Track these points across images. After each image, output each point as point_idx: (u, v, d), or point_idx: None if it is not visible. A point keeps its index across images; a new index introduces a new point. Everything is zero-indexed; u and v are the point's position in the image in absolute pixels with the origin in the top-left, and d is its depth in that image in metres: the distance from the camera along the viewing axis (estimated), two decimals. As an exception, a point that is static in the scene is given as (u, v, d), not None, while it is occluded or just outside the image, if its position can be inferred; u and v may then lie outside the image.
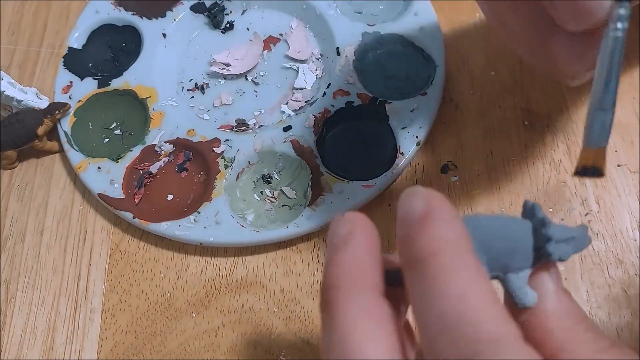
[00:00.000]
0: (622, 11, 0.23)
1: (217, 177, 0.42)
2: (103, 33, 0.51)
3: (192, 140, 0.44)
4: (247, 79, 0.48)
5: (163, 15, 0.50)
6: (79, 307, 0.40)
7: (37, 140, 0.45)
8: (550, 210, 0.40)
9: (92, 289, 0.41)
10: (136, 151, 0.44)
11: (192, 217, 0.41)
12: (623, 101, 0.43)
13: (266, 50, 0.49)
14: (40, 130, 0.44)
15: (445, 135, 0.43)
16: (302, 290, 0.39)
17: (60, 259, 0.42)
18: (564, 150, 0.41)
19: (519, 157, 0.42)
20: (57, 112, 0.45)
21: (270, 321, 0.38)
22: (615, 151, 0.41)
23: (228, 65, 0.48)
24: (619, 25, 0.23)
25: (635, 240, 0.38)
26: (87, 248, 0.42)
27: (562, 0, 0.24)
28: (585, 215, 0.39)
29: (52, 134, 0.46)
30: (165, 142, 0.44)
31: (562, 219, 0.39)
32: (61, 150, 0.46)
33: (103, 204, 0.43)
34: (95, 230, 0.43)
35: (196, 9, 0.51)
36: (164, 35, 0.49)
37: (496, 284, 0.23)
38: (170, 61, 0.49)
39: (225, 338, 0.38)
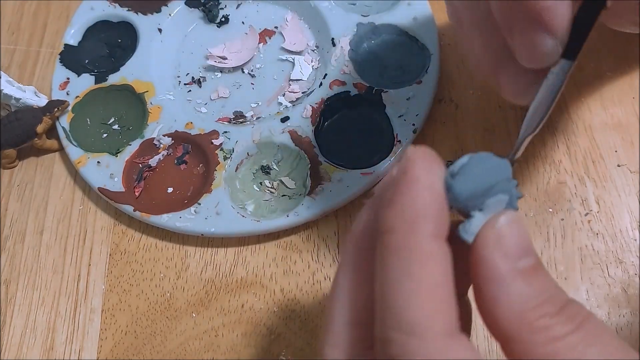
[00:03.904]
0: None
1: (216, 168, 0.43)
2: (98, 29, 0.51)
3: (190, 133, 0.44)
4: (243, 72, 0.48)
5: (158, 11, 0.50)
6: (79, 307, 0.40)
7: (36, 139, 0.45)
8: (550, 210, 0.40)
9: (92, 289, 0.41)
10: (135, 145, 0.44)
11: (192, 209, 0.41)
12: (623, 101, 0.43)
13: (262, 43, 0.49)
14: (40, 129, 0.44)
15: (445, 135, 0.43)
16: (302, 290, 0.39)
17: (60, 259, 0.42)
18: (564, 150, 0.41)
19: (519, 157, 0.42)
20: (55, 109, 0.45)
21: (270, 321, 0.38)
22: (615, 151, 0.41)
23: (224, 58, 0.48)
24: (557, 73, 0.27)
25: (635, 240, 0.38)
26: (87, 248, 0.42)
27: (523, 39, 0.27)
28: (585, 215, 0.39)
29: (52, 132, 0.46)
30: (164, 136, 0.45)
31: (562, 219, 0.39)
32: (61, 149, 0.46)
33: (104, 199, 0.43)
34: (95, 230, 0.43)
35: (191, 3, 0.51)
36: (160, 30, 0.50)
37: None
38: (166, 56, 0.49)
39: (225, 338, 0.38)
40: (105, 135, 0.46)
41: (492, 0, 0.28)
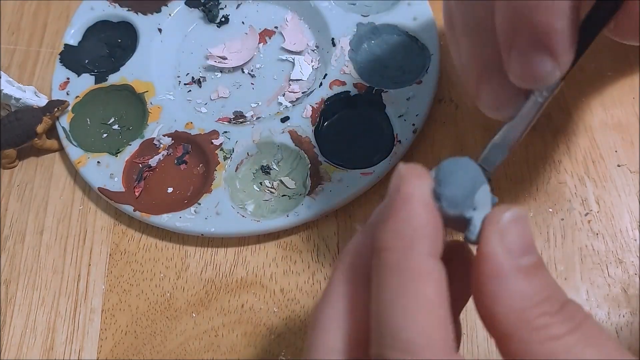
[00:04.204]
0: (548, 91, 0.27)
1: (216, 168, 0.43)
2: (98, 29, 0.51)
3: (190, 133, 0.44)
4: (243, 72, 0.48)
5: (158, 11, 0.50)
6: (79, 307, 0.40)
7: (36, 139, 0.45)
8: (550, 210, 0.40)
9: (92, 289, 0.41)
10: (135, 145, 0.45)
11: (192, 209, 0.41)
12: (623, 101, 0.43)
13: (262, 43, 0.49)
14: (40, 129, 0.44)
15: (445, 135, 0.43)
16: (302, 290, 0.39)
17: (60, 259, 0.42)
18: (564, 150, 0.41)
19: (519, 157, 0.42)
20: (55, 110, 0.45)
21: (270, 321, 0.38)
22: (616, 151, 0.41)
23: (224, 58, 0.49)
24: (545, 93, 0.27)
25: (635, 240, 0.38)
26: (87, 248, 0.42)
27: (522, 57, 0.26)
28: (585, 215, 0.39)
29: (52, 132, 0.46)
30: (164, 136, 0.45)
31: (562, 219, 0.39)
32: (61, 149, 0.46)
33: (104, 199, 0.43)
34: (95, 230, 0.43)
35: (191, 3, 0.51)
36: (160, 30, 0.50)
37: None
38: (166, 56, 0.49)
39: (225, 338, 0.38)
40: (105, 135, 0.46)
41: (498, 11, 0.26)
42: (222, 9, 0.51)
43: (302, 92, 0.46)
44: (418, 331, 0.20)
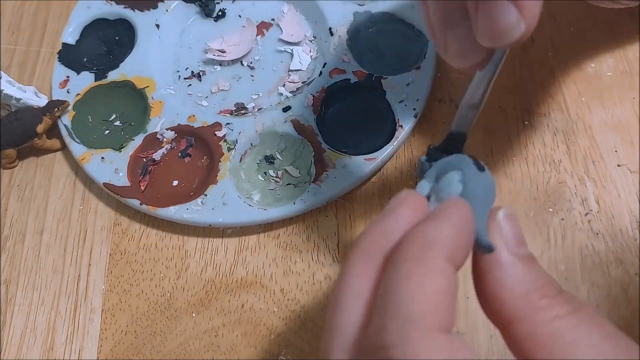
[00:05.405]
0: None
1: (221, 159, 0.43)
2: (96, 28, 0.51)
3: (193, 126, 0.45)
4: (242, 64, 0.49)
5: (155, 7, 0.51)
6: (79, 307, 0.40)
7: (36, 139, 0.45)
8: (550, 210, 0.40)
9: (92, 289, 0.41)
10: (138, 140, 0.45)
11: (199, 200, 0.41)
12: (623, 101, 0.43)
13: (259, 36, 0.50)
14: (40, 128, 0.45)
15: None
16: (302, 290, 0.39)
17: (60, 259, 0.42)
18: (564, 150, 0.41)
19: (519, 157, 0.42)
20: (56, 109, 0.45)
21: (270, 321, 0.38)
22: (615, 151, 0.41)
23: (223, 51, 0.49)
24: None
25: (635, 240, 0.38)
26: (87, 248, 0.42)
27: (487, 9, 0.26)
28: (585, 215, 0.39)
29: (52, 132, 0.46)
30: (167, 129, 0.45)
31: (562, 219, 0.39)
32: (62, 148, 0.46)
33: (104, 199, 0.43)
34: (95, 230, 0.43)
35: (187, -2, 0.51)
36: (157, 26, 0.50)
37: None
38: (165, 51, 0.50)
39: (225, 338, 0.38)
40: (107, 132, 0.46)
41: None
42: (218, 3, 0.52)
43: (302, 82, 0.47)
44: (424, 306, 0.21)
